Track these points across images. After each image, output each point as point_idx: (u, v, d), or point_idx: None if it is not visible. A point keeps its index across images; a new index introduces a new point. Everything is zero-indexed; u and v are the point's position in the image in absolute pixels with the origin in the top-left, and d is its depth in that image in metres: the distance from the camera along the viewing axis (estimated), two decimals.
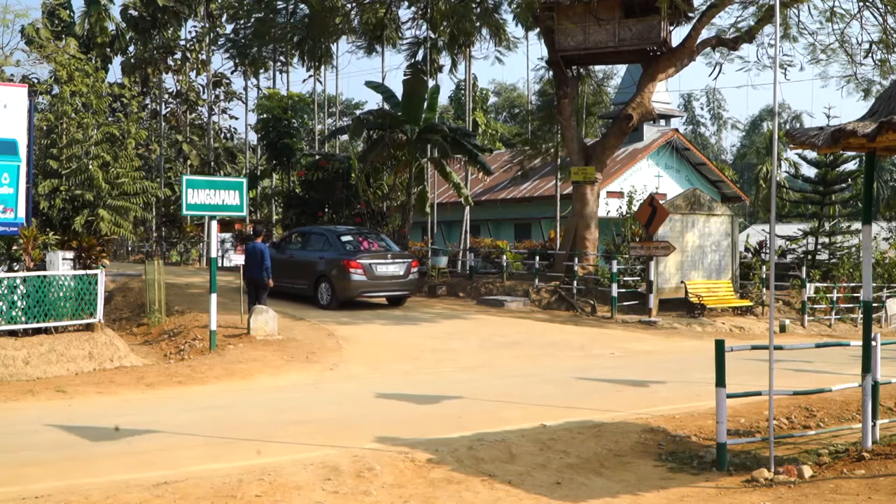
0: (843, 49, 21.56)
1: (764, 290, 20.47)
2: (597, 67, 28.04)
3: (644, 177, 31.11)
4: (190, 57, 38.47)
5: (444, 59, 29.83)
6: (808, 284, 20.31)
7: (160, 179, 33.42)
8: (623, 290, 19.60)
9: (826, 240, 25.25)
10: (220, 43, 34.35)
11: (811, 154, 25.63)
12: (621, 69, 34.46)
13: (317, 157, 28.88)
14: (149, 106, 40.46)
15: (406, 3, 27.07)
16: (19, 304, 11.78)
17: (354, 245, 18.22)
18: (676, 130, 35.09)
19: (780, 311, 20.61)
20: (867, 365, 7.40)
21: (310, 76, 35.36)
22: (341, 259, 17.40)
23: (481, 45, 28.32)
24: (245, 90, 41.88)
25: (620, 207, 25.55)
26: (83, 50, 29.13)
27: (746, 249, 25.44)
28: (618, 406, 9.13)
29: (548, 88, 27.62)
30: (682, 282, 19.69)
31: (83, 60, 20.79)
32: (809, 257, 24.58)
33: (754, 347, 8.04)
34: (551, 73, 23.76)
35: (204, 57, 37.92)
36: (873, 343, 7.52)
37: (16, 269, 13.37)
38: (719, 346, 7.09)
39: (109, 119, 23.33)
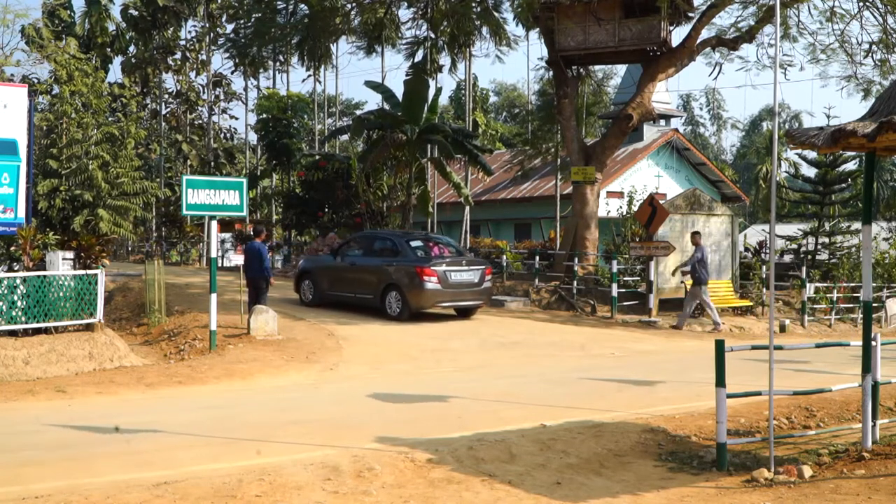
0: (843, 49, 21.57)
1: (764, 290, 20.47)
2: (597, 67, 28.02)
3: (644, 177, 31.12)
4: (190, 57, 38.49)
5: (444, 59, 29.80)
6: (808, 284, 20.31)
7: (160, 179, 33.44)
8: (623, 290, 19.59)
9: (826, 240, 25.24)
10: (220, 43, 34.40)
11: (811, 154, 25.64)
12: (621, 69, 34.48)
13: (317, 157, 28.91)
14: (149, 106, 40.50)
15: (406, 3, 27.07)
16: (19, 304, 11.79)
17: (425, 251, 16.85)
18: (676, 130, 35.10)
19: (780, 311, 20.60)
20: (867, 365, 7.40)
21: (309, 76, 35.41)
22: (413, 266, 16.01)
23: (481, 44, 28.37)
24: (245, 90, 41.89)
25: (620, 207, 25.56)
26: (83, 50, 29.15)
27: (746, 249, 25.44)
28: (618, 406, 9.13)
29: (548, 88, 27.62)
30: (682, 282, 19.68)
31: (83, 60, 20.79)
32: (809, 257, 24.58)
33: (754, 347, 8.04)
34: (551, 73, 23.77)
35: (204, 57, 37.94)
36: (873, 343, 7.52)
37: (16, 269, 13.37)
38: (719, 346, 7.08)
39: (109, 119, 23.33)
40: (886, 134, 6.30)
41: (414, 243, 17.02)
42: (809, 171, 28.15)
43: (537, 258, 22.92)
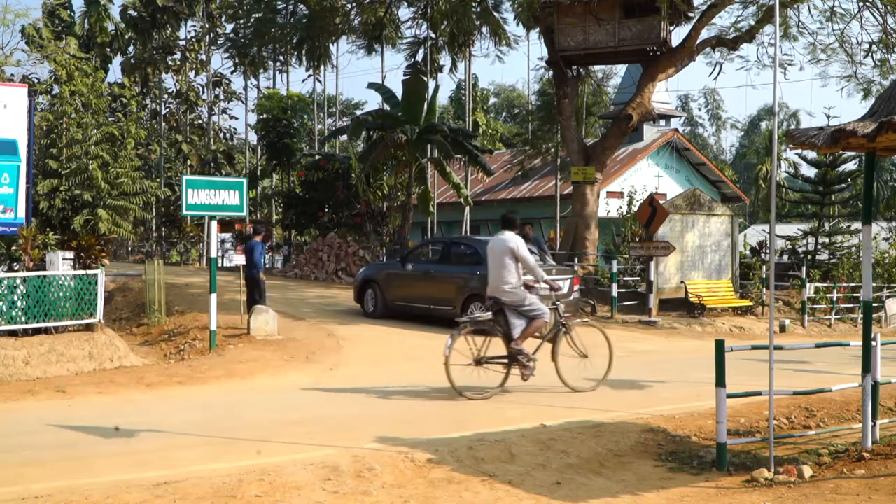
0: (843, 49, 21.58)
1: (764, 290, 20.47)
2: (597, 67, 28.04)
3: (644, 177, 31.12)
4: (189, 57, 38.49)
5: (445, 59, 29.84)
6: (808, 284, 20.31)
7: (160, 179, 33.42)
8: (623, 290, 19.59)
9: (826, 240, 25.25)
10: (220, 43, 34.42)
11: (811, 154, 25.65)
12: (621, 69, 34.49)
13: (317, 157, 28.92)
14: (149, 106, 40.48)
15: (406, 3, 27.09)
16: (19, 304, 11.79)
17: None
18: (676, 130, 35.11)
19: (780, 311, 20.60)
20: (867, 365, 7.40)
21: (309, 76, 35.40)
22: None
23: (481, 43, 28.35)
24: (245, 90, 41.95)
25: (620, 207, 25.56)
26: (83, 50, 29.18)
27: (750, 250, 25.46)
28: (618, 406, 9.12)
29: (548, 88, 27.64)
30: (682, 282, 19.69)
31: (83, 60, 20.79)
32: (809, 257, 24.58)
33: (754, 347, 8.03)
34: (551, 73, 23.77)
35: (203, 57, 37.95)
36: (873, 343, 7.51)
37: (16, 269, 13.38)
38: (719, 346, 7.08)
39: (109, 119, 23.33)
40: (886, 134, 6.29)
41: None
42: (809, 171, 28.16)
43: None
